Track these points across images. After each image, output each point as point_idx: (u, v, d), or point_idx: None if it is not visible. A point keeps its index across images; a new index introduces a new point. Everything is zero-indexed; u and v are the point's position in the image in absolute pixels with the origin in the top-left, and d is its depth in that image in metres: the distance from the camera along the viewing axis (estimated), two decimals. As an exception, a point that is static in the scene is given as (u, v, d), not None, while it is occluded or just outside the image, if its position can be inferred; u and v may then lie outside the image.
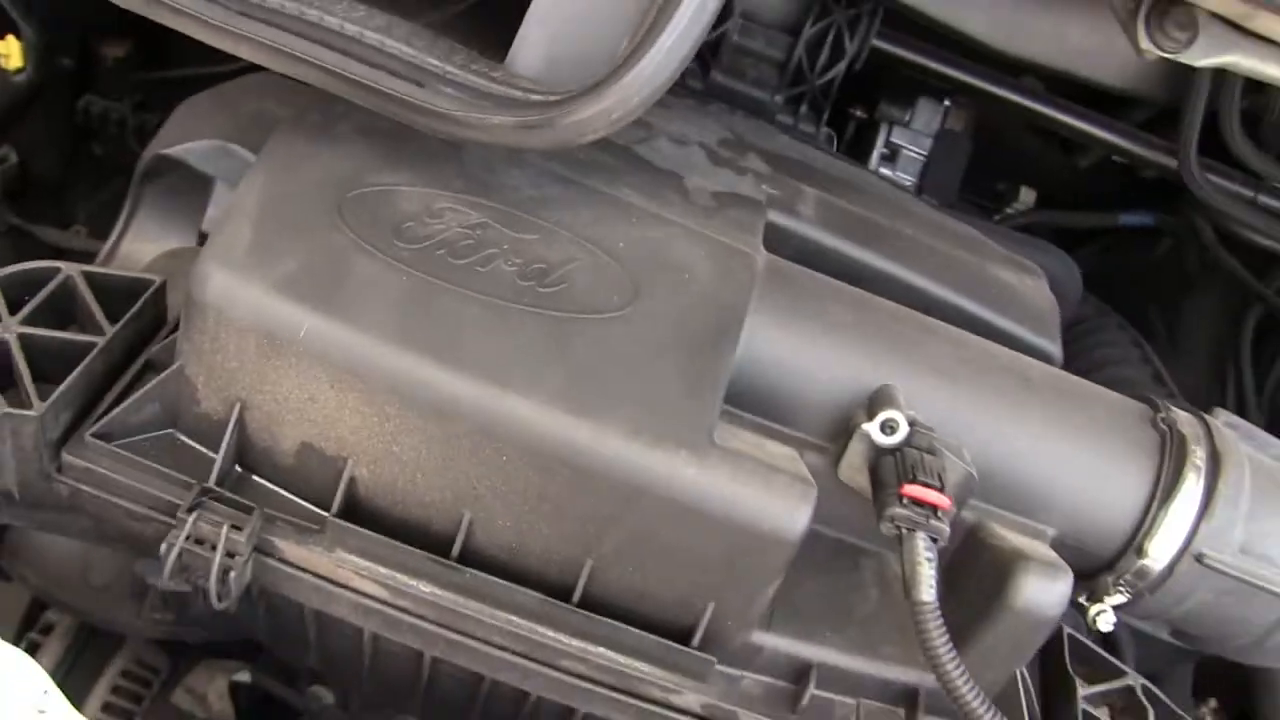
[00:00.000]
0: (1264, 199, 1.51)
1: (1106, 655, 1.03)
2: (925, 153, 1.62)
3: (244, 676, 1.25)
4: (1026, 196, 1.87)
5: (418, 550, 0.83)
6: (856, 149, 1.63)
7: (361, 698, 1.14)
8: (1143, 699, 0.99)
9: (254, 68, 1.50)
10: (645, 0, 0.83)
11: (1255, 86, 1.40)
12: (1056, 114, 1.56)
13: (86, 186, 1.85)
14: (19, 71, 1.57)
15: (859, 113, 1.64)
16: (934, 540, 0.82)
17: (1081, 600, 1.01)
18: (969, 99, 1.59)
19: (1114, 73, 1.36)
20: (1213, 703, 1.79)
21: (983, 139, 1.69)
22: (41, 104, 1.67)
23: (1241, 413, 1.50)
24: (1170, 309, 1.84)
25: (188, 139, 1.21)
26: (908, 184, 1.59)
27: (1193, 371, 1.76)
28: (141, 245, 1.24)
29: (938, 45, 1.49)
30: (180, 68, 1.73)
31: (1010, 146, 1.81)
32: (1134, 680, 1.01)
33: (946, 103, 1.62)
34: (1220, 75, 1.33)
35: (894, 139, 1.62)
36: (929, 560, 0.81)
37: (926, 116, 1.62)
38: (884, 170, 1.61)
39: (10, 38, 1.53)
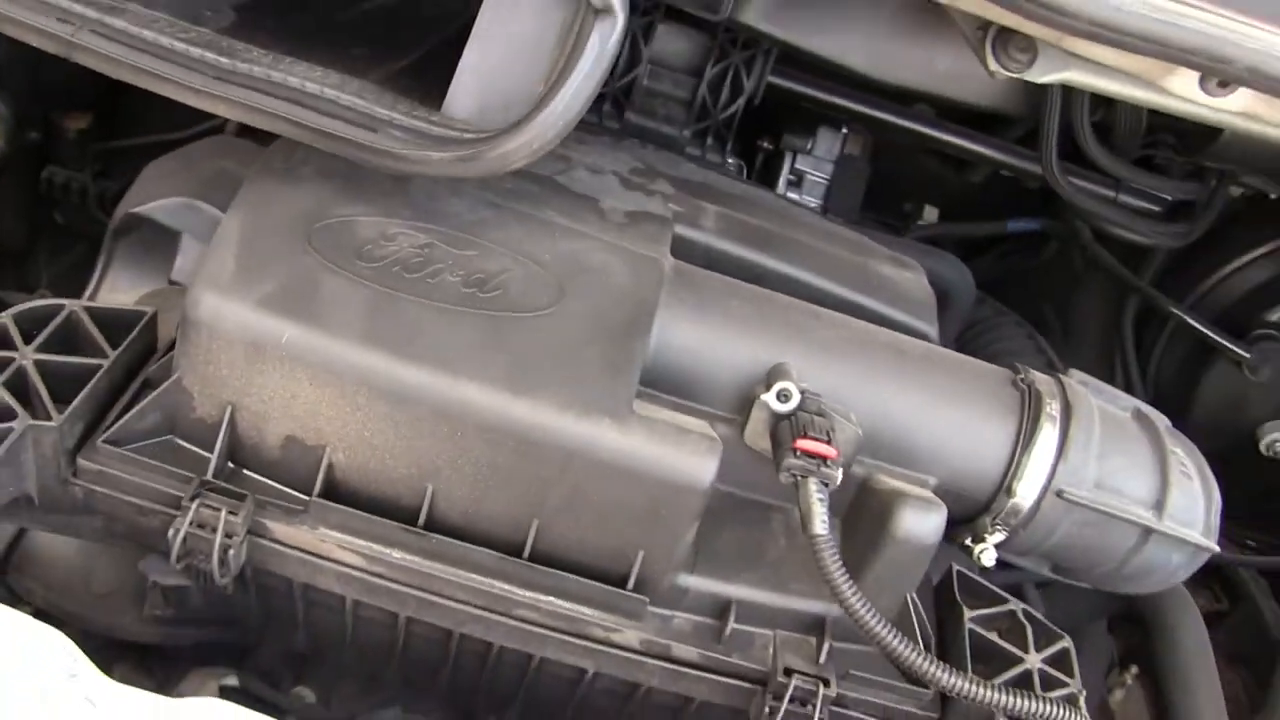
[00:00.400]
0: (1124, 198, 1.73)
1: (991, 586, 1.21)
2: (828, 177, 1.82)
3: (231, 681, 1.39)
4: (930, 214, 2.09)
5: (389, 521, 1.00)
6: (766, 177, 1.83)
7: (343, 679, 1.29)
8: (1023, 620, 1.17)
9: (208, 132, 1.68)
10: (555, 53, 1.02)
11: (1105, 100, 1.62)
12: (942, 135, 1.78)
13: (49, 253, 2.00)
14: (-19, 147, 1.73)
15: (766, 144, 1.84)
16: (825, 484, 1.00)
17: (966, 542, 1.20)
18: (864, 126, 1.81)
19: (978, 93, 1.57)
20: (1134, 669, 1.98)
21: (885, 164, 1.91)
22: (8, 176, 1.83)
23: (1129, 394, 1.72)
24: (1061, 305, 2.05)
25: (155, 197, 1.37)
26: (813, 206, 1.79)
27: (1084, 360, 1.96)
28: (116, 296, 1.40)
29: (828, 79, 1.70)
30: (135, 137, 1.90)
31: (910, 169, 2.03)
32: (1015, 606, 1.19)
33: (844, 130, 1.83)
34: (1068, 91, 1.55)
35: (798, 166, 1.83)
36: (821, 500, 0.99)
37: (826, 144, 1.83)
38: (791, 195, 1.81)
39: (-18, 117, 1.69)
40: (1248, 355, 1.74)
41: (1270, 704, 1.86)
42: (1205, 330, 1.77)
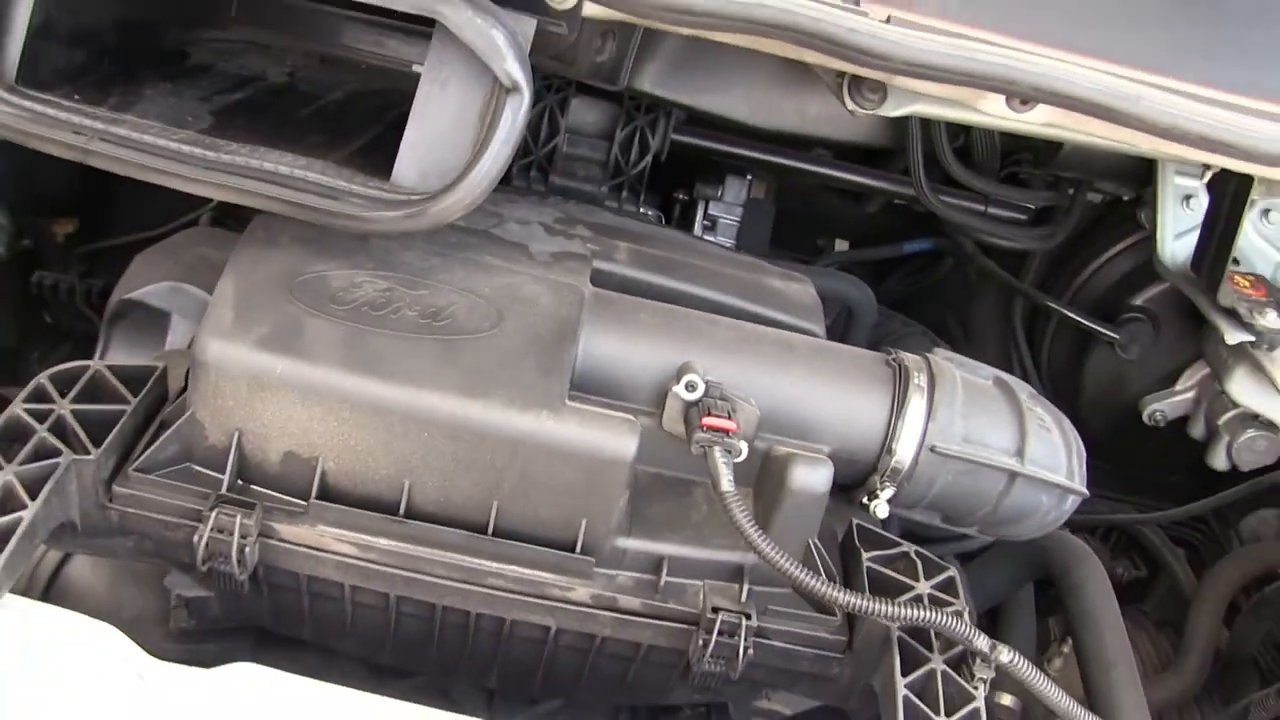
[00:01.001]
0: (994, 210, 2.03)
1: (887, 534, 1.46)
2: (738, 220, 2.11)
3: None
4: (841, 245, 2.39)
5: (376, 514, 1.25)
6: (684, 224, 2.12)
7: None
8: (914, 558, 1.43)
9: (183, 226, 1.95)
10: (477, 126, 1.29)
11: (964, 127, 1.92)
12: (832, 172, 2.08)
13: (41, 351, 2.25)
14: (-19, 251, 1.99)
15: (681, 195, 2.13)
16: (729, 452, 1.26)
17: (864, 500, 1.45)
18: (765, 171, 2.10)
19: (849, 131, 1.87)
20: (1071, 640, 2.23)
21: (791, 204, 2.20)
22: (3, 281, 2.08)
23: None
24: (961, 314, 2.35)
25: (145, 284, 1.63)
26: (728, 246, 2.08)
27: (985, 360, 2.25)
28: (117, 374, 1.65)
29: (727, 132, 2.00)
30: (116, 237, 2.16)
31: (815, 206, 2.33)
32: (908, 547, 1.44)
33: (749, 178, 2.12)
34: (925, 121, 1.85)
35: (711, 212, 2.11)
36: (726, 464, 1.25)
37: (734, 191, 2.12)
38: (707, 237, 2.09)
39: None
40: (1117, 336, 2.03)
41: (1183, 649, 2.12)
42: (1080, 319, 2.07)
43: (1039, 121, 1.45)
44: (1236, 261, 1.78)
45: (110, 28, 1.49)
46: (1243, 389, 1.82)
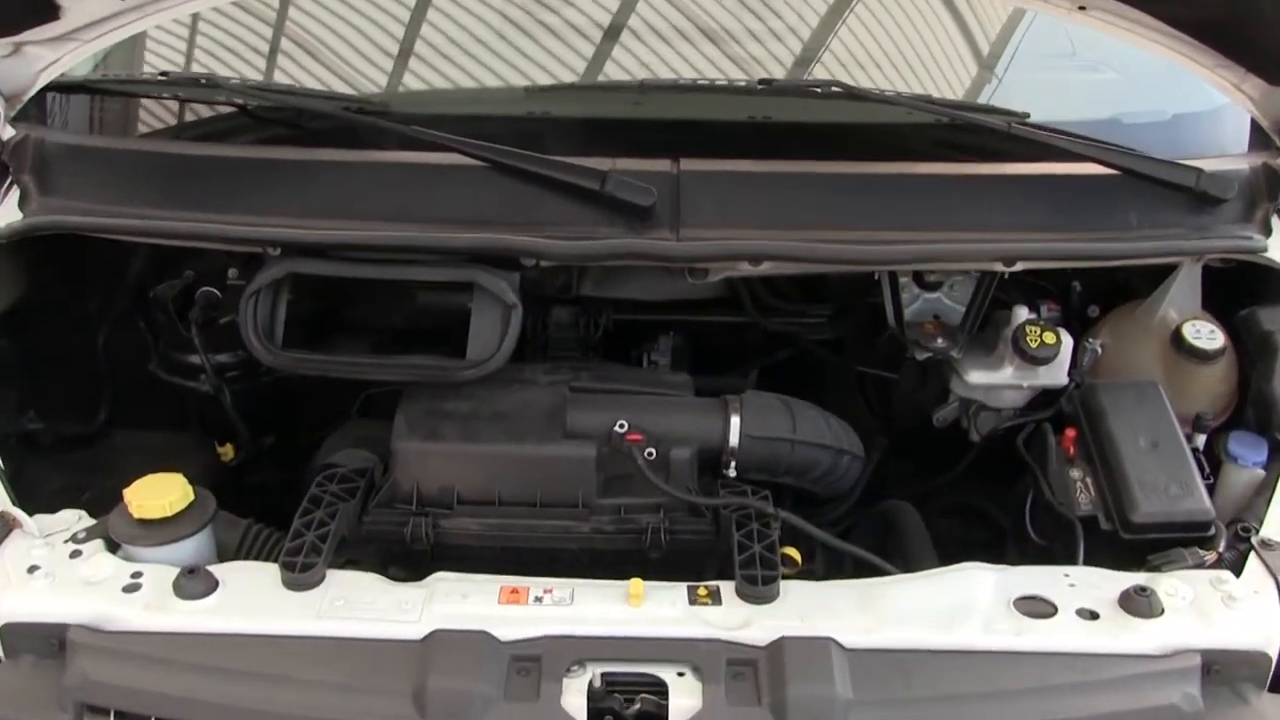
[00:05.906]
0: (806, 320, 3.93)
1: (738, 482, 3.27)
2: (669, 360, 4.00)
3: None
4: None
5: (484, 506, 3.12)
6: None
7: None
8: (747, 489, 3.23)
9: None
10: (500, 326, 3.23)
11: (770, 280, 3.84)
12: (709, 318, 4.00)
13: None
14: (231, 461, 3.92)
15: (634, 352, 4.04)
16: (639, 448, 3.12)
17: (725, 472, 3.29)
18: (677, 328, 4.02)
19: (703, 291, 3.78)
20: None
21: (709, 350, 4.10)
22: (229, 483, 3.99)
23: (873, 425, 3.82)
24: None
25: (333, 452, 3.55)
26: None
27: (841, 410, 4.09)
28: (328, 505, 3.58)
29: (642, 310, 3.93)
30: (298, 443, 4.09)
31: (719, 344, 4.21)
32: (747, 489, 3.24)
33: (671, 333, 4.03)
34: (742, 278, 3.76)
35: (653, 359, 4.01)
36: (639, 452, 3.11)
37: (664, 343, 4.03)
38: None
39: (229, 444, 3.89)
40: (896, 376, 3.89)
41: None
42: (874, 371, 3.93)
43: (767, 270, 3.36)
44: (937, 316, 3.67)
45: (309, 318, 3.47)
46: (958, 387, 3.67)
